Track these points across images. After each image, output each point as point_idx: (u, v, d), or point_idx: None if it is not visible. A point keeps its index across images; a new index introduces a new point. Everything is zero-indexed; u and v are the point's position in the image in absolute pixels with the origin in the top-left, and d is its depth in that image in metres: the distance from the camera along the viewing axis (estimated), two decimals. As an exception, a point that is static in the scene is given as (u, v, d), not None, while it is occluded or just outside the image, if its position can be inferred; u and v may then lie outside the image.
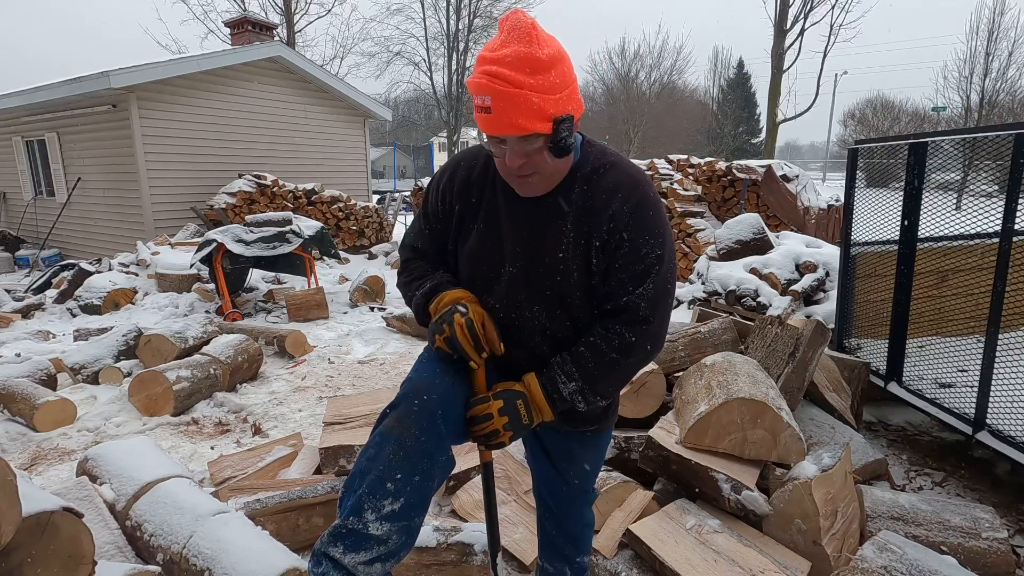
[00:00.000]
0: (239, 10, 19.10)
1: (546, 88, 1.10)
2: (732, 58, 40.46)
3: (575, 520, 1.62)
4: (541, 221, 1.28)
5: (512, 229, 1.30)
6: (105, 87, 8.19)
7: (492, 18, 25.07)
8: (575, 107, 1.16)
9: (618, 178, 1.25)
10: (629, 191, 1.24)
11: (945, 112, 22.89)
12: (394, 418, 1.23)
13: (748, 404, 2.21)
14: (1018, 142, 2.41)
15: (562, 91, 1.12)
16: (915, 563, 1.67)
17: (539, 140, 1.14)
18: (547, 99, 1.10)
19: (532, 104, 1.09)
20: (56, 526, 1.48)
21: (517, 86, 1.08)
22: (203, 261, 5.92)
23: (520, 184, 1.23)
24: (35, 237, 10.77)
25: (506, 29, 1.11)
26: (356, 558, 1.19)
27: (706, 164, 8.80)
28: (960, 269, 3.02)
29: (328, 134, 11.77)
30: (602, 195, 1.25)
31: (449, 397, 1.26)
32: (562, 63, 1.13)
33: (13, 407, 3.44)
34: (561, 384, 1.29)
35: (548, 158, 1.17)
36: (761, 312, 4.27)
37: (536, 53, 1.09)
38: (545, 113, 1.10)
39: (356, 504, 1.19)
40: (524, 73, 1.08)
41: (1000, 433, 2.60)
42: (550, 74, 1.10)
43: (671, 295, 1.29)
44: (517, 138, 1.13)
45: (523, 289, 1.31)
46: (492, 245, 1.32)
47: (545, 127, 1.12)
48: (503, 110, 1.09)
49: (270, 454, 2.82)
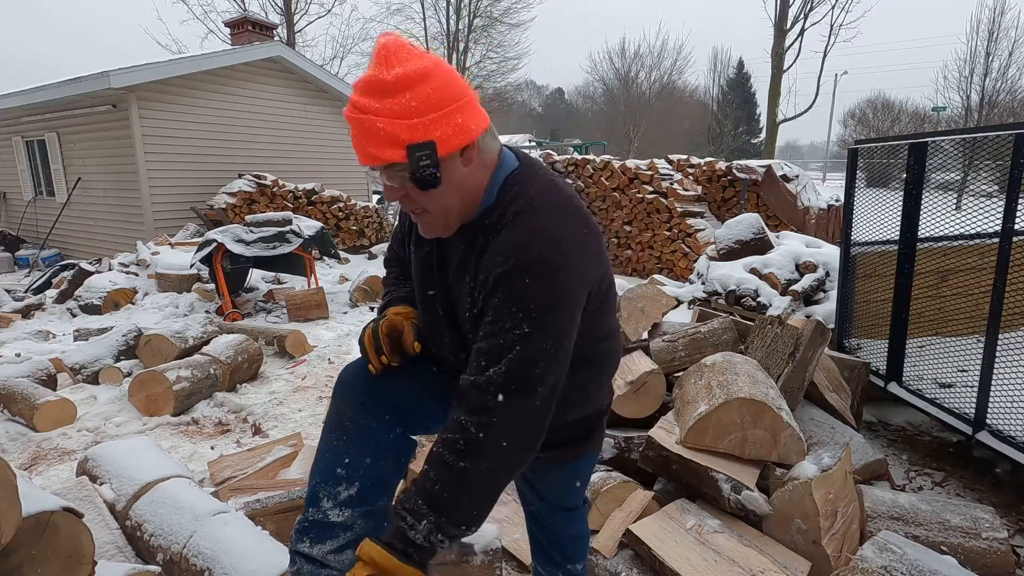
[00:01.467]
0: (239, 10, 19.12)
1: (396, 112, 0.97)
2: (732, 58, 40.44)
3: (562, 533, 1.55)
4: (456, 265, 1.16)
5: (426, 272, 1.24)
6: (105, 87, 8.19)
7: (492, 18, 25.11)
8: (449, 133, 1.00)
9: (514, 233, 1.05)
10: (513, 250, 1.02)
11: (945, 112, 22.90)
12: (332, 407, 1.27)
13: (748, 404, 2.22)
14: (1018, 142, 2.41)
15: (421, 115, 0.98)
16: (915, 563, 1.67)
17: (401, 170, 1.02)
18: (397, 124, 0.97)
19: (377, 130, 0.98)
20: (56, 526, 1.48)
21: (362, 111, 0.98)
22: (203, 261, 5.92)
23: (419, 225, 1.13)
24: (35, 237, 10.77)
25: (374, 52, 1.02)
26: (324, 548, 1.21)
27: (706, 164, 8.81)
28: (960, 269, 3.02)
29: (328, 134, 11.77)
30: (488, 252, 1.07)
31: (384, 380, 1.26)
32: (426, 83, 0.98)
33: (13, 407, 3.44)
34: (412, 532, 1.01)
35: (417, 193, 1.04)
36: (761, 312, 4.27)
37: (382, 75, 0.98)
38: (395, 139, 0.98)
39: (313, 494, 1.22)
40: (371, 97, 0.98)
41: (1000, 433, 2.60)
42: (402, 96, 0.97)
43: (536, 383, 1.02)
44: (382, 169, 1.03)
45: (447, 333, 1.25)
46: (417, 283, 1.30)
47: (396, 155, 0.99)
48: (358, 139, 1.01)
49: (270, 454, 2.82)
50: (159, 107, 8.96)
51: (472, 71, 25.46)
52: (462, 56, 24.67)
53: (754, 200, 8.31)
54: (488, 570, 1.96)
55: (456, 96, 1.01)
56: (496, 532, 2.03)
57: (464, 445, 1.01)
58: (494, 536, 2.01)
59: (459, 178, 1.06)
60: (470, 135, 1.03)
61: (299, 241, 6.19)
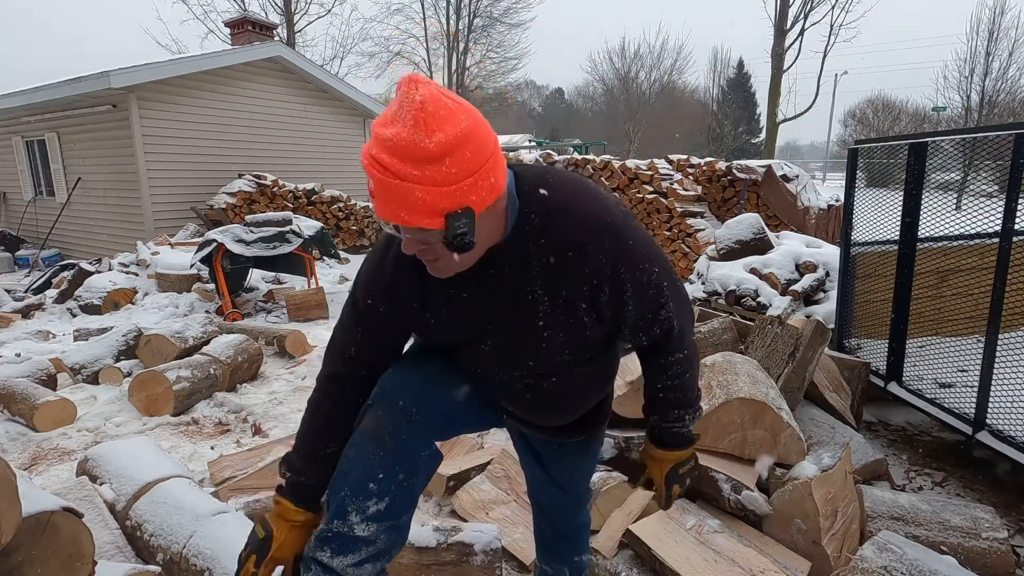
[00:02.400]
0: (239, 10, 19.12)
1: (436, 180, 0.91)
2: (732, 58, 40.50)
3: (570, 522, 1.61)
4: (505, 291, 1.14)
5: (475, 308, 1.17)
6: (105, 87, 8.19)
7: (492, 18, 25.12)
8: (483, 195, 0.96)
9: (576, 226, 1.08)
10: (598, 239, 1.08)
11: (945, 112, 22.90)
12: (371, 418, 1.20)
13: (748, 404, 2.22)
14: (1018, 142, 2.41)
15: (460, 180, 0.93)
16: (915, 563, 1.67)
17: (434, 234, 0.97)
18: (436, 192, 0.92)
19: (416, 199, 0.92)
20: (56, 526, 1.48)
21: (399, 177, 0.91)
22: (203, 261, 5.92)
23: (429, 266, 1.07)
24: (35, 237, 10.77)
25: (396, 99, 0.92)
26: (344, 560, 1.18)
27: (706, 164, 8.80)
28: (960, 269, 3.02)
29: (328, 134, 11.77)
30: (567, 251, 1.08)
31: (424, 392, 1.23)
32: (465, 148, 0.92)
33: (13, 407, 3.44)
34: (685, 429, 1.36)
35: (445, 252, 1.00)
36: (761, 312, 4.27)
37: (422, 142, 0.89)
38: (434, 208, 0.93)
39: (340, 507, 1.17)
40: (408, 163, 0.90)
41: (1000, 433, 2.60)
42: (442, 164, 0.91)
43: (682, 290, 1.25)
44: (408, 229, 0.98)
45: (500, 360, 1.24)
46: (454, 331, 1.21)
47: (435, 223, 0.94)
48: (386, 200, 0.93)
49: (270, 454, 2.82)
50: (159, 107, 8.96)
51: (472, 71, 25.48)
52: (462, 56, 24.68)
53: (754, 200, 8.31)
54: (488, 570, 1.96)
55: (489, 154, 0.97)
56: (496, 532, 2.03)
57: (682, 366, 1.29)
58: (494, 536, 2.01)
59: (487, 230, 1.04)
60: (499, 190, 1.00)
61: (299, 241, 6.19)
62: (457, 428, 1.40)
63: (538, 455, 1.51)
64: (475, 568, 1.96)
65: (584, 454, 1.51)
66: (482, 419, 1.42)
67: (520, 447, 1.56)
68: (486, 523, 2.18)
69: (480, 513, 2.35)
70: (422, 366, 1.27)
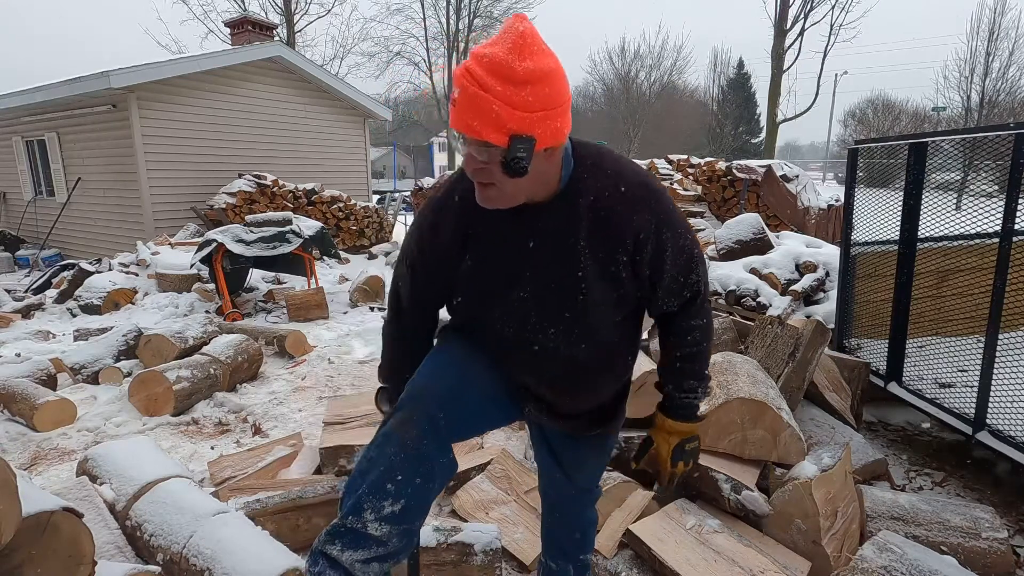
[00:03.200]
0: (239, 10, 19.13)
1: (512, 102, 1.02)
2: (732, 58, 40.43)
3: (579, 518, 1.64)
4: (549, 239, 1.22)
5: (514, 254, 1.24)
6: (105, 87, 8.19)
7: (492, 18, 25.11)
8: (548, 133, 1.07)
9: (629, 187, 1.20)
10: (646, 200, 1.20)
11: (945, 112, 22.91)
12: (397, 420, 1.23)
13: (748, 404, 2.22)
14: (1018, 142, 2.41)
15: (533, 111, 1.04)
16: (915, 563, 1.67)
17: (493, 152, 1.07)
18: (511, 113, 1.02)
19: (491, 111, 1.02)
20: (56, 526, 1.48)
21: (483, 88, 1.02)
22: (203, 261, 5.92)
23: (479, 191, 1.16)
24: (35, 237, 10.77)
25: (504, 28, 1.06)
26: (354, 556, 1.20)
27: (706, 164, 8.81)
28: (960, 269, 3.02)
29: (328, 134, 11.77)
30: (618, 207, 1.19)
31: (452, 399, 1.26)
32: (546, 83, 1.04)
33: (13, 407, 3.44)
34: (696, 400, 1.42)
35: (500, 173, 1.09)
36: (761, 312, 4.27)
37: (513, 64, 1.02)
38: (503, 125, 1.03)
39: (356, 504, 1.19)
40: (497, 79, 1.02)
41: (1000, 433, 2.60)
42: (523, 89, 1.02)
43: (705, 261, 1.36)
44: (474, 141, 1.07)
45: (533, 313, 1.27)
46: (490, 276, 1.27)
47: (500, 139, 1.04)
48: (465, 108, 1.04)
49: (270, 454, 2.82)
50: (159, 107, 8.96)
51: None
52: (462, 56, 24.66)
53: (754, 200, 8.31)
54: (488, 570, 1.96)
55: (562, 102, 1.08)
56: (496, 532, 2.03)
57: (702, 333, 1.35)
58: (494, 536, 2.01)
59: (539, 171, 1.13)
60: (561, 139, 1.11)
61: (299, 241, 6.19)
62: (481, 427, 1.45)
63: (553, 449, 1.53)
64: (475, 568, 1.96)
65: (598, 449, 1.54)
66: (504, 414, 1.44)
67: (536, 441, 1.58)
68: (486, 523, 2.18)
69: (480, 513, 2.36)
70: (451, 375, 1.30)
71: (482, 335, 1.34)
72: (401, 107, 30.29)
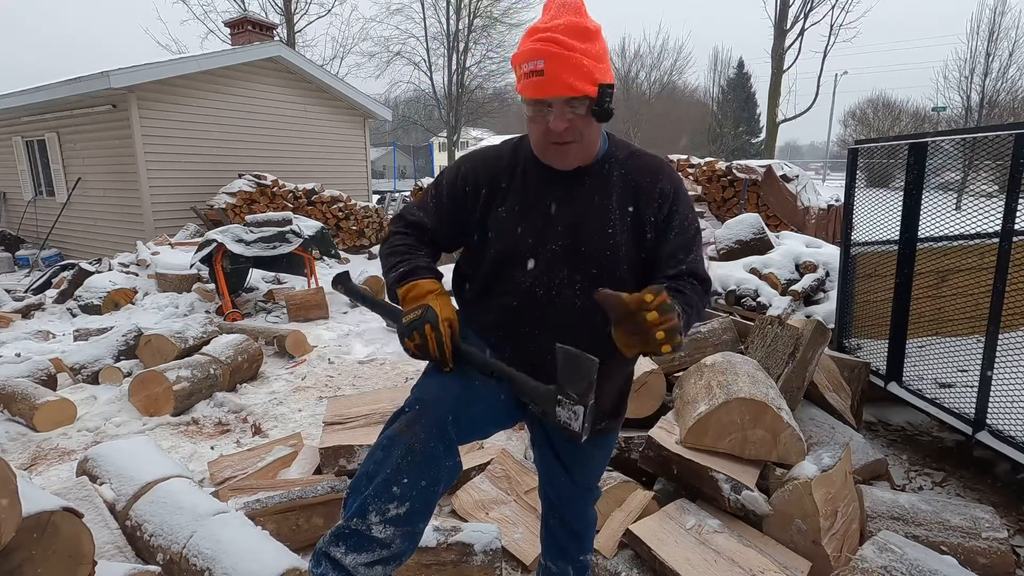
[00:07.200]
0: (239, 10, 19.11)
1: (594, 55, 1.20)
2: (732, 58, 40.48)
3: (580, 518, 1.64)
4: (585, 199, 1.33)
5: (552, 208, 1.34)
6: (105, 87, 8.19)
7: (492, 18, 25.06)
8: (613, 81, 1.25)
9: (654, 162, 1.38)
10: (668, 172, 1.37)
11: (945, 112, 22.91)
12: (404, 422, 1.23)
13: (748, 404, 2.22)
14: (1018, 142, 2.41)
15: (604, 61, 1.23)
16: (915, 563, 1.67)
17: (584, 103, 1.21)
18: (595, 65, 1.19)
19: (583, 67, 1.18)
20: (56, 526, 1.48)
21: (570, 49, 1.17)
22: (203, 261, 5.91)
23: (558, 152, 1.28)
24: (35, 237, 10.77)
25: (556, 5, 1.23)
26: (357, 559, 1.20)
27: (706, 164, 8.81)
28: (960, 269, 3.02)
29: (328, 134, 11.77)
30: (646, 175, 1.35)
31: (461, 401, 1.26)
32: (601, 38, 1.24)
33: (13, 407, 3.44)
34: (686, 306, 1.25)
35: (590, 123, 1.24)
36: (761, 312, 4.27)
37: (586, 23, 1.21)
38: (592, 77, 1.19)
39: (361, 506, 1.20)
40: (577, 39, 1.18)
41: (1000, 433, 2.60)
42: (595, 44, 1.21)
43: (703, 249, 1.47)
44: (563, 101, 1.20)
45: (565, 267, 1.32)
46: (527, 225, 1.34)
47: (592, 90, 1.19)
48: (557, 71, 1.17)
49: (270, 454, 2.82)
50: (159, 107, 8.96)
51: (472, 71, 25.43)
52: (462, 56, 24.64)
53: (754, 200, 8.31)
54: (488, 570, 1.96)
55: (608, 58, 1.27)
56: (496, 532, 2.03)
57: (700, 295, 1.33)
58: (494, 536, 2.01)
59: (595, 133, 1.30)
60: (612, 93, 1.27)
61: (299, 241, 6.19)
62: (487, 430, 1.47)
63: (555, 446, 1.54)
64: (475, 568, 1.96)
65: (600, 446, 1.56)
66: (510, 416, 1.45)
67: (538, 440, 1.58)
68: (486, 523, 2.18)
69: (480, 513, 2.36)
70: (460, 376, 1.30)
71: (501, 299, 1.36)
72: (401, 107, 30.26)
